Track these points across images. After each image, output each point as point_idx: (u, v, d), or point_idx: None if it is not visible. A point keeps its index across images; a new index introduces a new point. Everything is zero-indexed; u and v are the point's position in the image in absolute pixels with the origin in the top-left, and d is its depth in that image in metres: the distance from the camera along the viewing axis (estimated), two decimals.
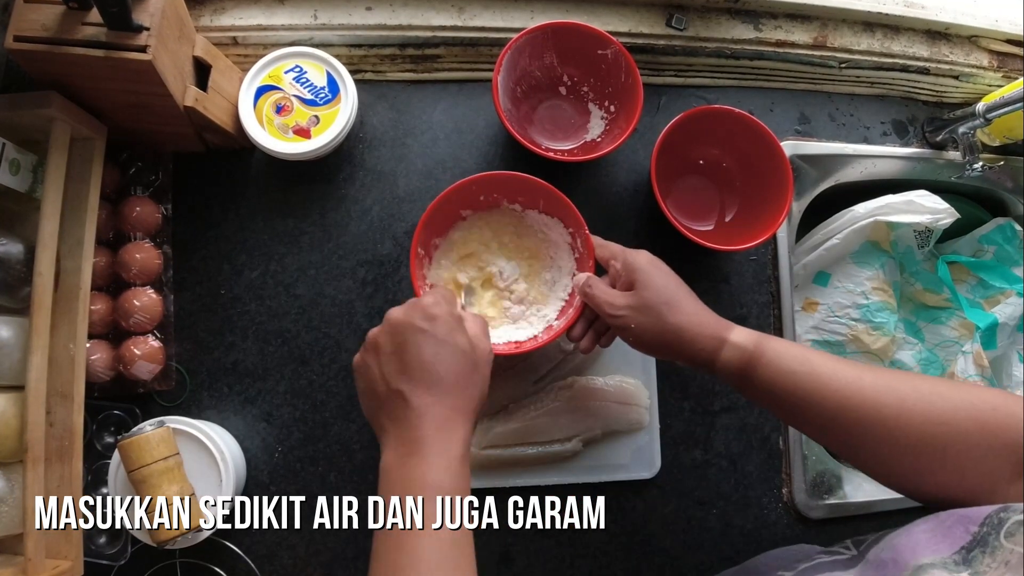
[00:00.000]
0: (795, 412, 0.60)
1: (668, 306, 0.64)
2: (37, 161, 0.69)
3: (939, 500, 0.53)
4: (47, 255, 0.65)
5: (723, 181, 0.88)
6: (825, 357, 0.60)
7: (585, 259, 0.75)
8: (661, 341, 0.65)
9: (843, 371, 0.57)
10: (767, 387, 0.60)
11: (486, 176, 0.74)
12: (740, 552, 0.83)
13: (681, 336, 0.64)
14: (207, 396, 0.79)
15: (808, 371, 0.58)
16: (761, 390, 0.61)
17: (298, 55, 0.78)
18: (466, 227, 0.79)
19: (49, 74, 0.65)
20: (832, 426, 0.57)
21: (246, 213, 0.82)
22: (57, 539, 0.66)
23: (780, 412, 0.63)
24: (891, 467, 0.55)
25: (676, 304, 0.65)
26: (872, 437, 0.55)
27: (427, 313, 0.58)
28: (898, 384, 0.55)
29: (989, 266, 1.04)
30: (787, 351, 0.60)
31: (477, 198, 0.77)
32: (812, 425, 0.59)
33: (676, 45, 0.89)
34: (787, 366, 0.59)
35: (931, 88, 0.99)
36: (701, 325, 0.64)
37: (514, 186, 0.76)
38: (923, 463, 0.53)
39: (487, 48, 0.86)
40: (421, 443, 0.54)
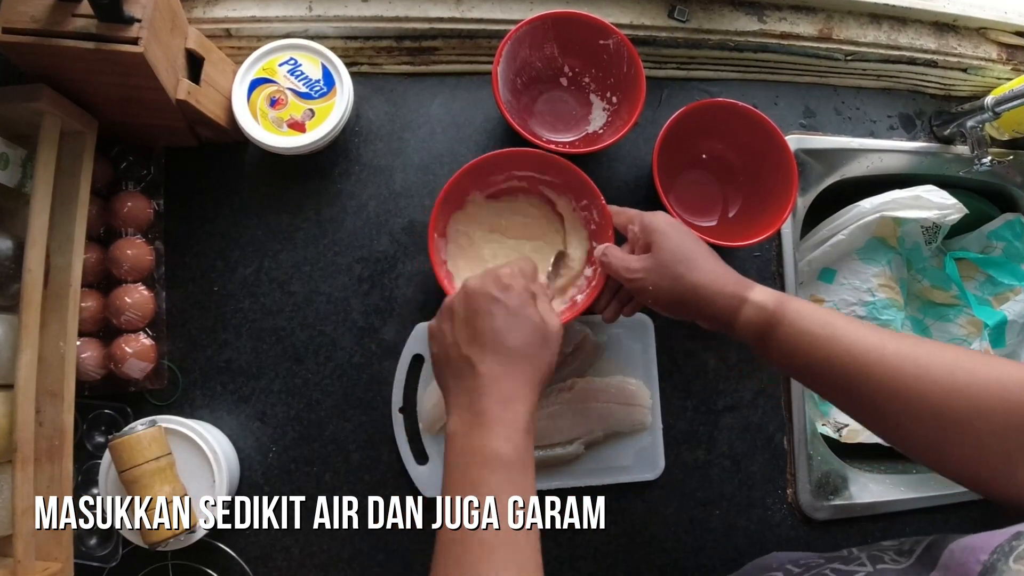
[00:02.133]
0: (814, 376, 0.60)
1: (685, 264, 0.65)
2: (26, 155, 0.69)
3: (959, 476, 0.53)
4: (37, 251, 0.65)
5: (726, 176, 0.88)
6: (847, 321, 0.59)
7: (604, 230, 0.77)
8: (680, 300, 0.65)
9: (865, 336, 0.57)
10: (787, 349, 0.60)
11: (495, 155, 0.76)
12: (743, 554, 0.83)
13: (699, 294, 0.64)
14: (200, 395, 0.79)
15: (830, 334, 0.58)
16: (780, 352, 0.61)
17: (293, 47, 0.78)
18: (476, 211, 0.82)
19: (39, 67, 0.65)
20: (851, 392, 0.57)
21: (240, 209, 0.82)
22: (47, 540, 0.66)
23: (798, 375, 0.64)
24: (911, 437, 0.55)
25: (694, 262, 0.65)
26: (892, 405, 0.55)
27: (502, 283, 0.60)
28: (921, 352, 0.55)
29: (998, 263, 1.04)
30: (810, 312, 0.60)
31: (487, 179, 0.79)
32: (830, 389, 0.59)
33: (678, 37, 0.89)
34: (808, 328, 0.59)
35: (939, 81, 0.99)
36: (720, 283, 0.64)
37: (522, 162, 0.78)
38: (943, 435, 0.52)
39: (485, 40, 0.86)
40: (486, 414, 0.56)
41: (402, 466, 0.79)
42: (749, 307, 0.62)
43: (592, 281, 0.77)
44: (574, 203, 0.81)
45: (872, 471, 0.91)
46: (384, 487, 0.79)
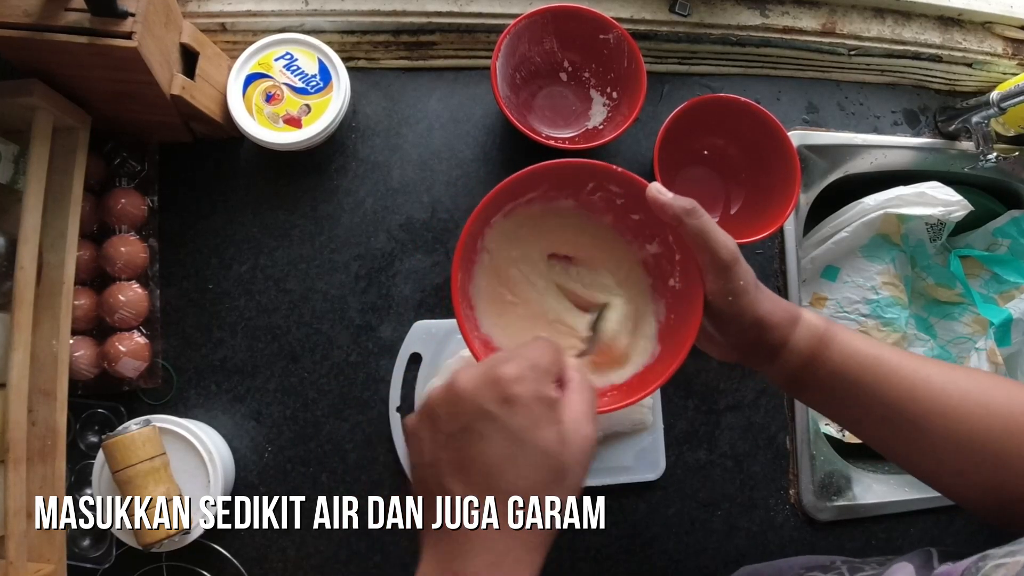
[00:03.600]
0: (859, 402, 0.57)
1: (756, 278, 0.58)
2: (19, 151, 0.69)
3: (984, 505, 0.53)
4: (29, 248, 0.65)
5: (728, 172, 0.88)
6: (888, 346, 0.58)
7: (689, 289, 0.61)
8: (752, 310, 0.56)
9: (907, 360, 0.56)
10: (837, 373, 0.56)
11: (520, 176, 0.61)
12: (745, 555, 0.84)
13: (764, 307, 0.57)
14: (194, 394, 0.79)
15: (876, 355, 0.56)
16: (829, 376, 0.57)
17: (289, 42, 0.78)
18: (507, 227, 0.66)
19: (31, 61, 0.66)
20: (896, 418, 0.55)
21: (235, 205, 0.82)
22: (39, 542, 0.66)
23: (838, 403, 0.59)
24: (948, 463, 0.54)
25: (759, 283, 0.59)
26: (934, 429, 0.53)
27: (504, 393, 0.43)
28: (960, 376, 0.55)
29: (1003, 260, 1.04)
30: (856, 335, 0.58)
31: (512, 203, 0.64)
32: (873, 417, 0.57)
33: (680, 32, 0.89)
34: (858, 349, 0.56)
35: (943, 76, 0.99)
36: (777, 300, 0.58)
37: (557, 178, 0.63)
38: (979, 458, 0.52)
39: (484, 35, 0.87)
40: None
41: (399, 466, 0.79)
42: (803, 326, 0.57)
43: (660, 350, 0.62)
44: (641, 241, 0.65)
45: (876, 472, 0.92)
46: (381, 487, 0.79)
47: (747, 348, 0.59)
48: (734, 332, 0.58)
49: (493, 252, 0.65)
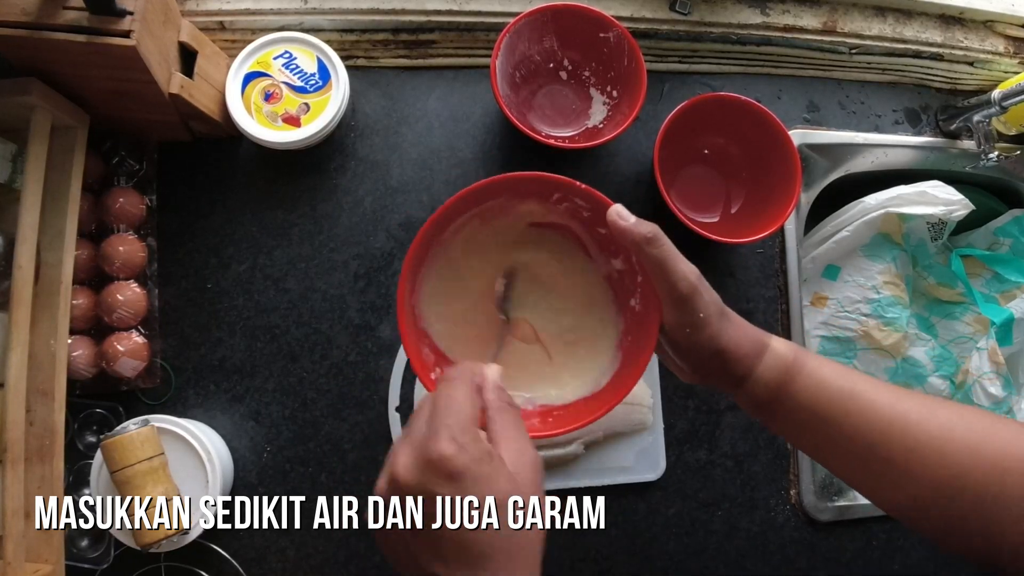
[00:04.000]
0: (828, 436, 0.54)
1: (723, 306, 0.56)
2: (17, 150, 0.69)
3: (971, 548, 0.51)
4: (27, 248, 0.65)
5: (729, 171, 0.88)
6: (863, 376, 0.55)
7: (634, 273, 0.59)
8: (712, 340, 0.54)
9: (884, 391, 0.53)
10: (805, 405, 0.54)
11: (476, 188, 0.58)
12: (746, 555, 0.84)
13: (729, 337, 0.55)
14: (193, 394, 0.79)
15: (850, 388, 0.53)
16: (795, 409, 0.55)
17: (287, 40, 0.78)
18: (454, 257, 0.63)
19: (29, 60, 0.66)
20: (868, 455, 0.52)
21: (234, 204, 0.82)
22: (38, 542, 0.66)
23: (807, 437, 0.56)
24: (927, 504, 0.51)
25: (724, 305, 0.56)
26: (911, 468, 0.51)
27: (447, 472, 0.42)
28: (942, 413, 0.52)
29: (1005, 259, 1.04)
30: (827, 365, 0.55)
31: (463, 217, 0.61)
32: (843, 453, 0.54)
33: (680, 30, 0.89)
34: (828, 381, 0.54)
35: (945, 75, 0.99)
36: (744, 329, 0.56)
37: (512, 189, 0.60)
38: (960, 502, 0.49)
39: (483, 33, 0.87)
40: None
41: None
42: (769, 356, 0.55)
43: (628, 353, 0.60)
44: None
45: None
46: None
47: (710, 376, 0.57)
48: (695, 360, 0.57)
49: (449, 258, 0.62)
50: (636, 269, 0.59)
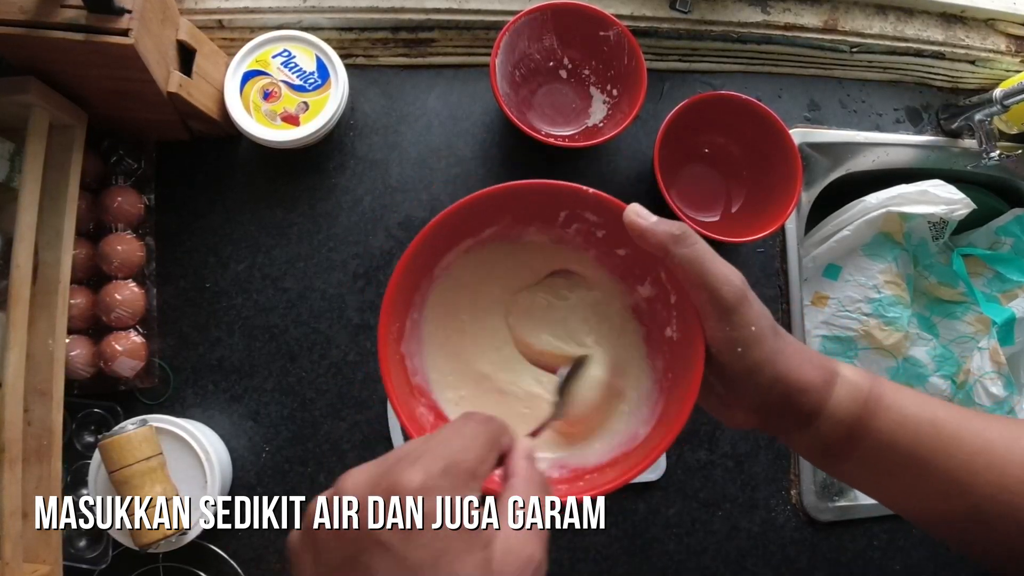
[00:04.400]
0: (911, 479, 0.47)
1: (774, 322, 0.47)
2: (14, 149, 0.69)
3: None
4: (25, 247, 0.65)
5: (729, 170, 0.88)
6: (943, 403, 0.48)
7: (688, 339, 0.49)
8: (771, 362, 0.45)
9: (966, 421, 0.46)
10: (887, 445, 0.46)
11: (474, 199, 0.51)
12: (746, 556, 0.84)
13: (789, 360, 0.46)
14: (191, 394, 0.79)
15: (931, 420, 0.46)
16: (877, 449, 0.46)
17: (286, 39, 0.79)
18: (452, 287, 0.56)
19: (27, 59, 0.66)
20: (954, 494, 0.46)
21: (232, 204, 0.82)
22: (35, 542, 0.66)
23: (888, 481, 0.48)
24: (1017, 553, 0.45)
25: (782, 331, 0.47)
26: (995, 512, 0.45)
27: (407, 508, 0.33)
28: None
29: (1006, 259, 1.04)
30: (906, 393, 0.47)
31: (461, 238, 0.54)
32: (927, 495, 0.47)
33: (680, 29, 0.89)
34: (912, 415, 0.46)
35: (946, 73, 0.99)
36: (805, 352, 0.47)
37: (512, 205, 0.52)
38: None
39: (483, 32, 0.87)
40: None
41: None
42: (843, 385, 0.46)
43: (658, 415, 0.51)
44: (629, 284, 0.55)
45: None
46: None
47: (769, 413, 0.47)
48: (750, 393, 0.46)
49: (441, 298, 0.55)
50: (668, 288, 0.50)
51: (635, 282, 0.54)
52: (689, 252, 0.44)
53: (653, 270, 0.51)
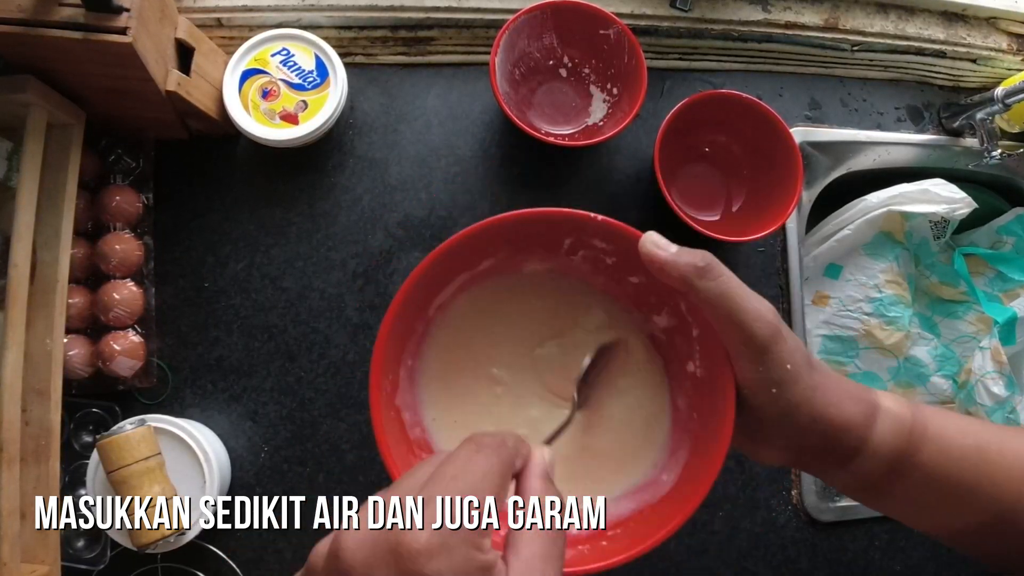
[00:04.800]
0: (958, 508, 0.45)
1: (809, 354, 0.44)
2: (12, 148, 0.69)
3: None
4: (23, 246, 0.65)
5: (730, 169, 0.88)
6: (987, 426, 0.47)
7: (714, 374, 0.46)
8: (808, 400, 0.43)
9: (1009, 441, 0.45)
10: (933, 477, 0.44)
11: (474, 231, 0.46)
12: (747, 556, 0.84)
13: (827, 395, 0.43)
14: (190, 393, 0.79)
15: (976, 447, 0.44)
16: (923, 483, 0.44)
17: (285, 37, 0.79)
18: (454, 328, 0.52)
19: (25, 58, 0.66)
20: (1001, 522, 0.44)
21: (231, 203, 0.82)
22: (33, 543, 0.66)
23: (934, 511, 0.46)
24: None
25: (819, 363, 0.45)
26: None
27: (409, 572, 0.29)
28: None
29: (1008, 258, 1.04)
30: (951, 423, 0.45)
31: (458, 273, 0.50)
32: (974, 523, 0.45)
33: (680, 27, 0.89)
34: (957, 446, 0.44)
35: (947, 72, 0.99)
36: (842, 383, 0.44)
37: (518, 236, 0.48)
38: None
39: (483, 30, 0.87)
40: None
41: None
42: (885, 418, 0.44)
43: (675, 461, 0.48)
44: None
45: None
46: (379, 488, 0.79)
47: (805, 452, 0.45)
48: (787, 434, 0.43)
49: (438, 343, 0.51)
50: (689, 321, 0.47)
51: (651, 311, 0.51)
52: (716, 286, 0.41)
53: (671, 300, 0.48)
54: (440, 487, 0.31)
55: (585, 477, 0.50)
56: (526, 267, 0.51)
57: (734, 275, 0.42)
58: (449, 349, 0.51)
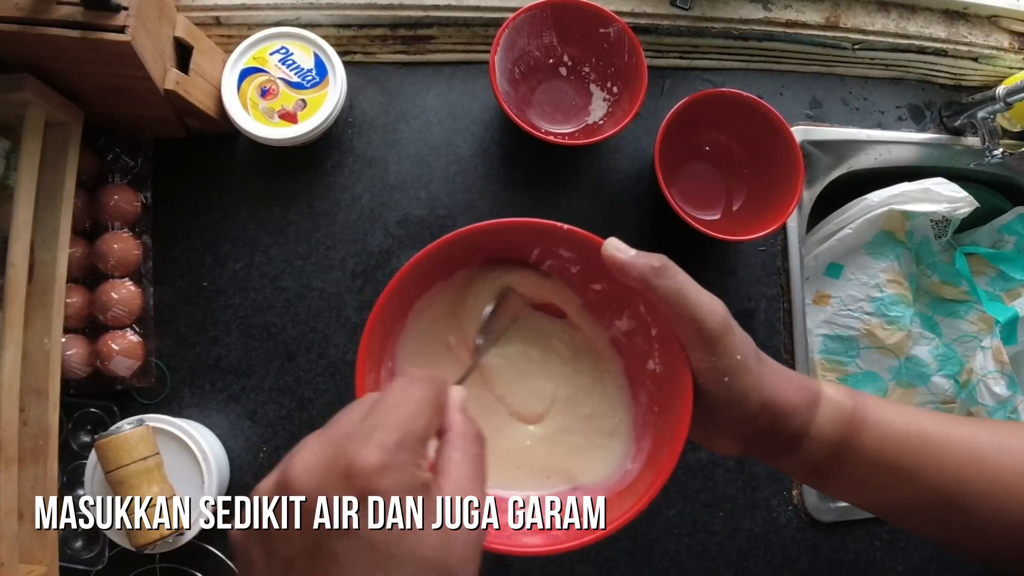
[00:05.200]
0: (900, 491, 0.48)
1: (755, 347, 0.48)
2: (10, 147, 0.69)
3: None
4: (20, 246, 0.65)
5: (730, 168, 0.89)
6: (929, 414, 0.50)
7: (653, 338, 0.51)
8: (757, 389, 0.47)
9: (953, 430, 0.48)
10: (873, 461, 0.47)
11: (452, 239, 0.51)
12: (747, 556, 0.84)
13: (774, 385, 0.47)
14: (188, 393, 0.79)
15: (919, 433, 0.47)
16: (864, 466, 0.48)
17: (284, 36, 0.79)
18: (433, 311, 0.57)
19: (23, 56, 0.66)
20: (943, 504, 0.47)
21: (230, 202, 0.82)
22: (31, 543, 0.66)
23: (877, 496, 0.50)
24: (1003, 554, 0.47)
25: (760, 352, 0.49)
26: (985, 517, 0.46)
27: (363, 491, 0.33)
28: (1012, 446, 0.47)
29: (1009, 257, 1.04)
30: (892, 410, 0.49)
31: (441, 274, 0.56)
32: (916, 506, 0.48)
33: (681, 25, 0.89)
34: (897, 430, 0.47)
35: (949, 71, 0.99)
36: (787, 374, 0.49)
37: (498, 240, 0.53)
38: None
39: (483, 28, 0.87)
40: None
41: None
42: (826, 406, 0.48)
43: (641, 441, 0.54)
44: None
45: None
46: None
47: (755, 440, 0.49)
48: (738, 421, 0.48)
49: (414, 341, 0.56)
50: (648, 321, 0.51)
51: (613, 316, 0.55)
52: (671, 284, 0.45)
53: (631, 303, 0.52)
54: (383, 415, 0.34)
55: (560, 472, 0.55)
56: (499, 281, 0.55)
57: (688, 275, 0.46)
58: (422, 346, 0.56)
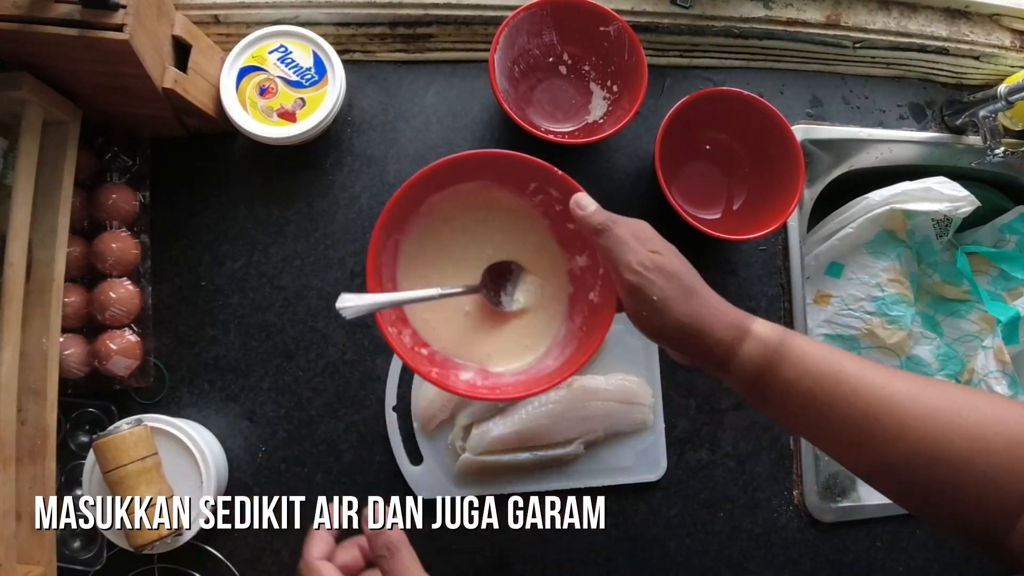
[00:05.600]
0: (815, 421, 0.56)
1: (693, 288, 0.58)
2: (8, 146, 0.69)
3: (955, 525, 0.52)
4: (18, 245, 0.66)
5: (731, 167, 0.89)
6: (852, 358, 0.56)
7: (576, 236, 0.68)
8: (680, 324, 0.57)
9: (872, 375, 0.54)
10: (789, 390, 0.55)
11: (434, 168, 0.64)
12: (748, 557, 0.84)
13: (703, 320, 0.57)
14: (187, 393, 0.79)
15: (836, 372, 0.54)
16: (781, 394, 0.56)
17: (283, 34, 0.79)
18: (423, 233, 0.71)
19: (21, 54, 0.66)
20: (853, 438, 0.54)
21: (228, 201, 0.82)
22: (29, 543, 0.66)
23: (795, 421, 0.58)
24: (912, 485, 0.52)
25: (698, 285, 0.59)
26: (896, 450, 0.52)
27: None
28: (930, 393, 0.52)
29: (1011, 257, 1.04)
30: (814, 349, 0.56)
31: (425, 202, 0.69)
32: (828, 436, 0.56)
33: (681, 24, 0.89)
34: (814, 366, 0.55)
35: (950, 69, 0.99)
36: (721, 312, 0.58)
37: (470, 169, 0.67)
38: (943, 479, 0.50)
39: (482, 27, 0.87)
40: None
41: (395, 466, 0.79)
42: (751, 341, 0.57)
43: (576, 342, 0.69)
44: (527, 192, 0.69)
45: None
46: (377, 488, 0.80)
47: (695, 358, 0.60)
48: (667, 342, 0.60)
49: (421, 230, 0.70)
50: (599, 261, 0.65)
51: (576, 252, 0.69)
52: (604, 243, 0.59)
53: (589, 246, 0.66)
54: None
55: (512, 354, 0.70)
56: (496, 196, 0.69)
57: (625, 237, 0.58)
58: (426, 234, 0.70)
